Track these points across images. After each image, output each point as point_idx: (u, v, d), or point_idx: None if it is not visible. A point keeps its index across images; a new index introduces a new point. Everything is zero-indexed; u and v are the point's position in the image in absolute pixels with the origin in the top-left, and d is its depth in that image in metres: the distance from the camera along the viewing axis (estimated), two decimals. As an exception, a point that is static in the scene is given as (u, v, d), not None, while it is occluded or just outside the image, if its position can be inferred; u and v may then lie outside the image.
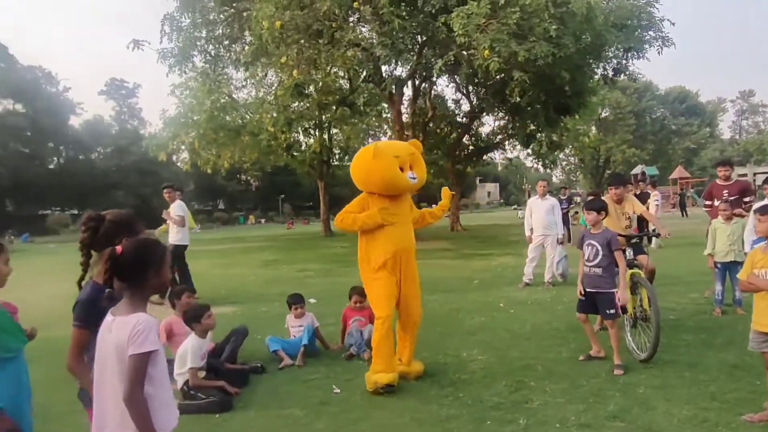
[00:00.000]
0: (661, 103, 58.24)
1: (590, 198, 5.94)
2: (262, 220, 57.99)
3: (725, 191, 6.18)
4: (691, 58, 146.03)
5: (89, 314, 1.92)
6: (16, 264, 2.37)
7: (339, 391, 3.86)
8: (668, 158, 55.28)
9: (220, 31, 14.57)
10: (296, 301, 5.07)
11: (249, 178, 55.24)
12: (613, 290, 4.14)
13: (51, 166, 50.56)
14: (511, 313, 6.23)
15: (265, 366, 4.45)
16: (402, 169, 3.92)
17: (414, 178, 3.96)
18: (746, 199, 6.10)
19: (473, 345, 4.88)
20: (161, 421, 1.67)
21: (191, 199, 61.79)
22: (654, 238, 11.87)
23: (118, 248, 1.70)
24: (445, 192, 4.70)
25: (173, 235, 8.07)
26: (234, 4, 13.89)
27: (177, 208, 8.13)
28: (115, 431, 1.66)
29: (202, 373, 3.91)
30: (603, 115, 53.97)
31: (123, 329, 1.63)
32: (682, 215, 26.05)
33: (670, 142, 57.05)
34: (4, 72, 43.49)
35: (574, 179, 66.55)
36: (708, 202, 6.53)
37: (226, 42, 14.47)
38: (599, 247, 4.16)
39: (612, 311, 4.11)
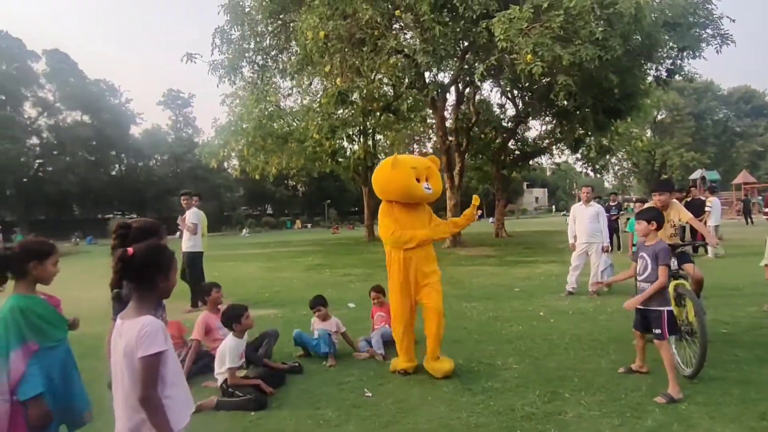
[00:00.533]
0: (724, 104, 55.01)
1: (637, 203, 5.74)
2: (309, 225, 59.17)
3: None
4: (758, 55, 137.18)
5: None
6: (81, 264, 2.58)
7: (371, 395, 3.92)
8: (732, 162, 52.09)
9: (268, 42, 15.08)
10: (316, 303, 5.20)
11: (296, 183, 56.65)
12: (663, 308, 3.80)
13: (113, 173, 53.75)
14: (551, 322, 6.09)
15: (303, 366, 4.59)
16: (419, 180, 4.26)
17: (429, 189, 4.32)
18: None
19: (509, 353, 4.82)
20: (175, 419, 1.73)
21: (241, 204, 64.15)
22: (711, 247, 11.26)
23: (129, 250, 1.77)
24: (475, 199, 4.81)
25: (185, 242, 7.96)
26: (281, 16, 14.36)
27: (192, 216, 8.01)
28: (124, 430, 1.72)
29: (242, 372, 4.07)
30: (659, 117, 51.67)
31: (131, 333, 1.70)
32: (747, 222, 24.49)
33: (733, 145, 53.72)
34: (74, 86, 46.70)
35: (628, 184, 63.87)
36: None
37: (273, 52, 14.97)
38: (648, 260, 3.84)
39: (658, 331, 3.77)
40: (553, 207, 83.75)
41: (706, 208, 11.67)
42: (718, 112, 54.21)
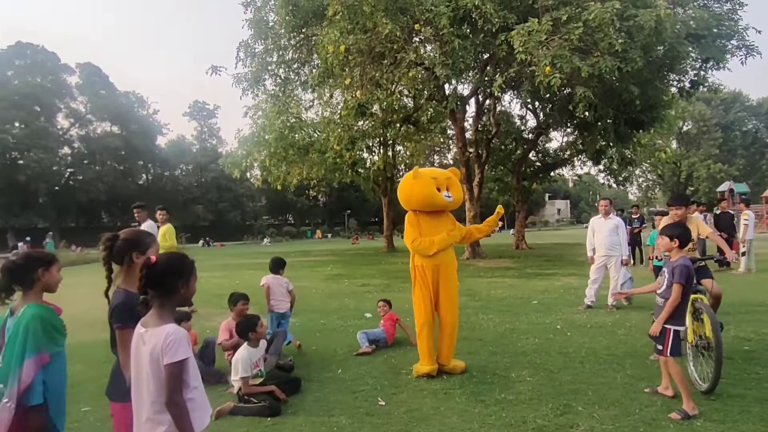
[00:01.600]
0: (753, 115, 53.63)
1: (657, 216, 5.67)
2: (329, 235, 59.55)
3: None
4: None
5: (126, 315, 2.15)
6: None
7: (384, 403, 3.97)
8: (761, 174, 50.69)
9: (290, 55, 15.42)
10: None
11: (317, 194, 57.21)
12: (670, 326, 3.66)
13: (140, 182, 55.15)
14: (567, 335, 6.05)
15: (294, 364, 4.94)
16: (439, 189, 4.57)
17: (449, 197, 4.61)
18: None
19: (523, 366, 4.82)
20: (197, 421, 1.86)
21: (263, 214, 65.01)
22: (743, 260, 10.99)
23: (152, 258, 1.89)
24: (499, 209, 5.12)
25: None
26: (303, 30, 14.68)
27: (147, 229, 7.99)
28: (148, 429, 1.84)
29: (256, 380, 4.18)
30: (685, 128, 50.66)
31: (155, 341, 1.81)
32: (777, 237, 23.72)
33: (763, 156, 52.27)
34: (105, 98, 48.30)
35: (652, 196, 62.60)
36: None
37: (295, 66, 15.29)
38: (667, 277, 3.74)
39: (659, 347, 3.69)
40: (574, 219, 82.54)
41: (743, 222, 11.38)
42: (747, 123, 52.88)
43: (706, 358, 4.12)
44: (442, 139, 27.38)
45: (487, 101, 19.89)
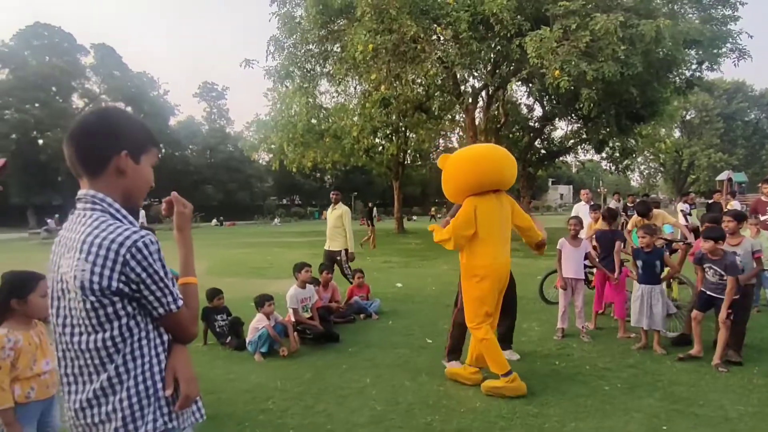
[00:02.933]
0: (756, 105, 54.35)
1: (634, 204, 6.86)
2: (335, 216, 60.90)
3: (769, 207, 6.95)
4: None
5: None
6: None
7: (431, 341, 5.38)
8: (761, 164, 51.69)
9: (315, 48, 16.55)
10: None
11: (325, 176, 58.22)
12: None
13: (153, 163, 56.17)
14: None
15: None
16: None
17: None
18: None
19: (532, 319, 6.20)
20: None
21: (270, 194, 66.38)
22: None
23: None
24: None
25: None
26: (329, 26, 15.79)
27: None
28: None
29: (305, 315, 5.57)
30: (688, 117, 51.53)
31: None
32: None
33: (764, 146, 53.22)
34: (119, 79, 49.27)
35: (654, 183, 63.67)
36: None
37: (321, 60, 16.43)
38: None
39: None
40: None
41: (681, 210, 12.72)
42: (749, 113, 53.68)
43: (677, 316, 5.52)
44: (451, 127, 28.45)
45: (499, 91, 21.00)
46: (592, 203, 8.57)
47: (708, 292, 4.66)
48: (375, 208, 28.85)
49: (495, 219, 4.02)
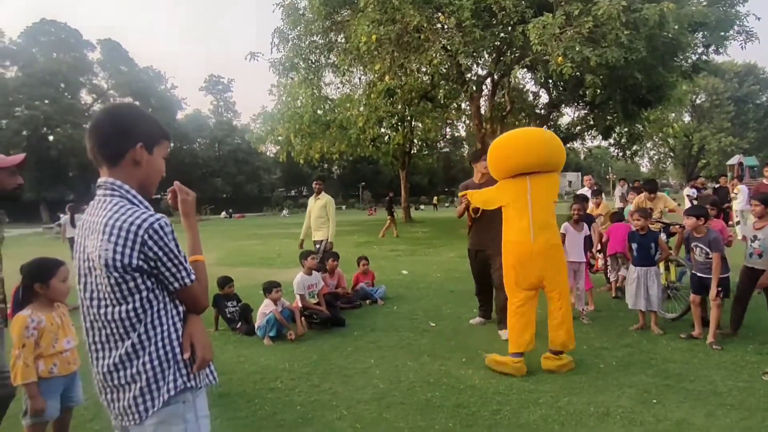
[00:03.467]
0: (767, 87, 53.53)
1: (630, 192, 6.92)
2: (343, 207, 61.17)
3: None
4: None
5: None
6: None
7: (434, 325, 5.55)
8: (773, 147, 51.00)
9: (320, 40, 16.60)
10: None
11: (332, 166, 58.39)
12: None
13: (162, 157, 56.67)
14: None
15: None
16: None
17: None
18: None
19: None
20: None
21: (278, 186, 66.76)
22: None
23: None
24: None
25: None
26: (333, 17, 15.82)
27: None
28: None
29: (312, 300, 5.76)
30: (698, 101, 50.87)
31: None
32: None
33: (775, 129, 52.48)
34: (126, 75, 49.57)
35: (664, 168, 63.12)
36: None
37: (326, 51, 16.48)
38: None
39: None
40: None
41: (732, 195, 12.69)
42: (760, 95, 52.86)
43: (676, 297, 5.61)
44: (456, 116, 28.39)
45: (503, 79, 20.93)
46: (595, 188, 8.64)
47: (698, 274, 4.77)
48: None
49: (521, 201, 4.13)
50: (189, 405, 1.54)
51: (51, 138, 43.15)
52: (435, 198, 56.23)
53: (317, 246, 7.33)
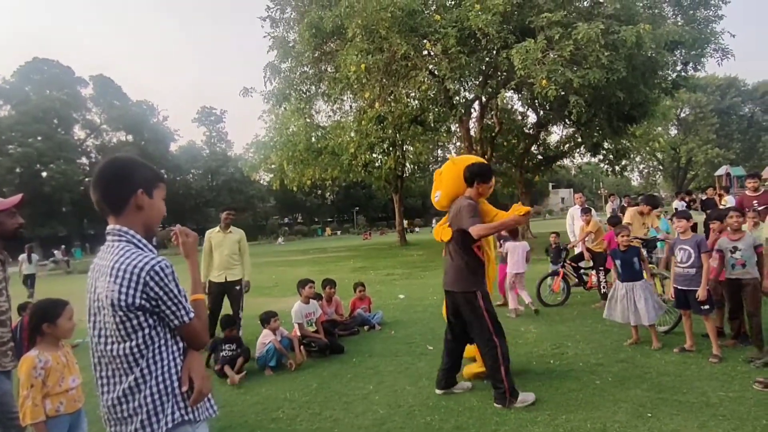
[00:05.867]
0: (749, 99, 54.81)
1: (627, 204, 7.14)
2: (338, 232, 61.24)
3: (755, 201, 7.18)
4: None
5: None
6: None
7: (432, 348, 5.60)
8: (759, 157, 51.86)
9: (310, 70, 17.00)
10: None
11: (325, 192, 58.72)
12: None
13: (155, 189, 56.76)
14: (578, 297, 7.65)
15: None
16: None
17: (436, 199, 4.36)
18: None
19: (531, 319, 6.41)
20: None
21: (273, 214, 66.85)
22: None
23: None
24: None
25: None
26: (322, 47, 16.25)
27: None
28: None
29: (310, 329, 5.81)
30: (682, 115, 51.93)
31: None
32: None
33: (760, 140, 53.48)
34: (118, 109, 50.10)
35: (654, 182, 63.90)
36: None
37: (316, 81, 16.86)
38: (691, 250, 4.73)
39: (707, 308, 4.66)
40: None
41: (721, 205, 12.93)
42: (743, 107, 54.06)
43: (668, 311, 5.72)
44: (447, 138, 28.83)
45: (491, 101, 21.39)
46: (584, 206, 8.79)
47: (679, 287, 4.88)
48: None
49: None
50: None
51: (44, 174, 43.25)
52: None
53: (237, 288, 6.13)
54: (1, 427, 2.76)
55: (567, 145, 25.49)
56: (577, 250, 8.36)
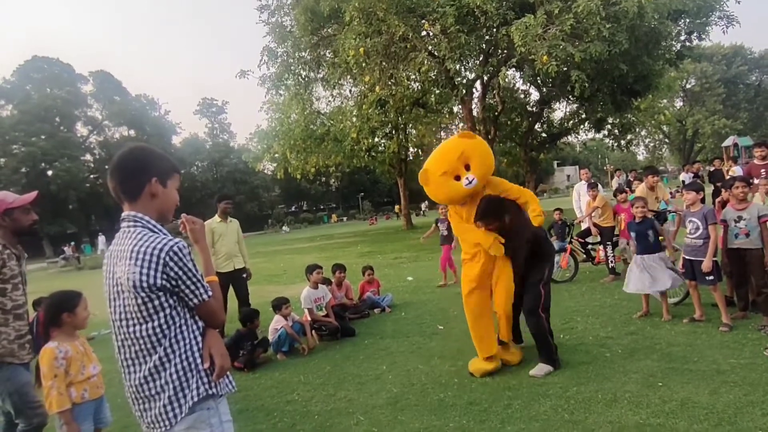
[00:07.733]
0: (756, 67, 53.76)
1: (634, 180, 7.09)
2: (344, 218, 61.30)
3: (763, 170, 7.10)
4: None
5: None
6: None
7: (442, 327, 5.67)
8: (767, 125, 51.17)
9: (308, 55, 16.86)
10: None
11: (330, 179, 58.62)
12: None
13: (160, 182, 56.97)
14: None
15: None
16: (459, 177, 3.95)
17: (470, 182, 3.92)
18: None
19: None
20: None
21: (278, 203, 66.93)
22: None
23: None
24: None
25: None
26: (320, 32, 16.09)
27: None
28: None
29: (320, 313, 5.88)
30: (688, 86, 51.15)
31: None
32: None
33: (768, 108, 52.71)
34: (119, 104, 50.02)
35: (660, 155, 63.26)
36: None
37: (315, 66, 16.73)
38: (699, 222, 4.75)
39: (711, 278, 4.68)
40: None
41: (729, 175, 12.83)
42: (749, 75, 53.10)
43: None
44: (450, 119, 28.60)
45: (493, 80, 21.14)
46: (591, 182, 8.76)
47: (687, 257, 4.88)
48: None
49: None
50: (213, 411, 1.70)
51: (50, 173, 43.44)
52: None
53: (243, 275, 6.31)
54: (24, 417, 2.83)
55: (571, 122, 25.20)
56: (584, 226, 8.33)
